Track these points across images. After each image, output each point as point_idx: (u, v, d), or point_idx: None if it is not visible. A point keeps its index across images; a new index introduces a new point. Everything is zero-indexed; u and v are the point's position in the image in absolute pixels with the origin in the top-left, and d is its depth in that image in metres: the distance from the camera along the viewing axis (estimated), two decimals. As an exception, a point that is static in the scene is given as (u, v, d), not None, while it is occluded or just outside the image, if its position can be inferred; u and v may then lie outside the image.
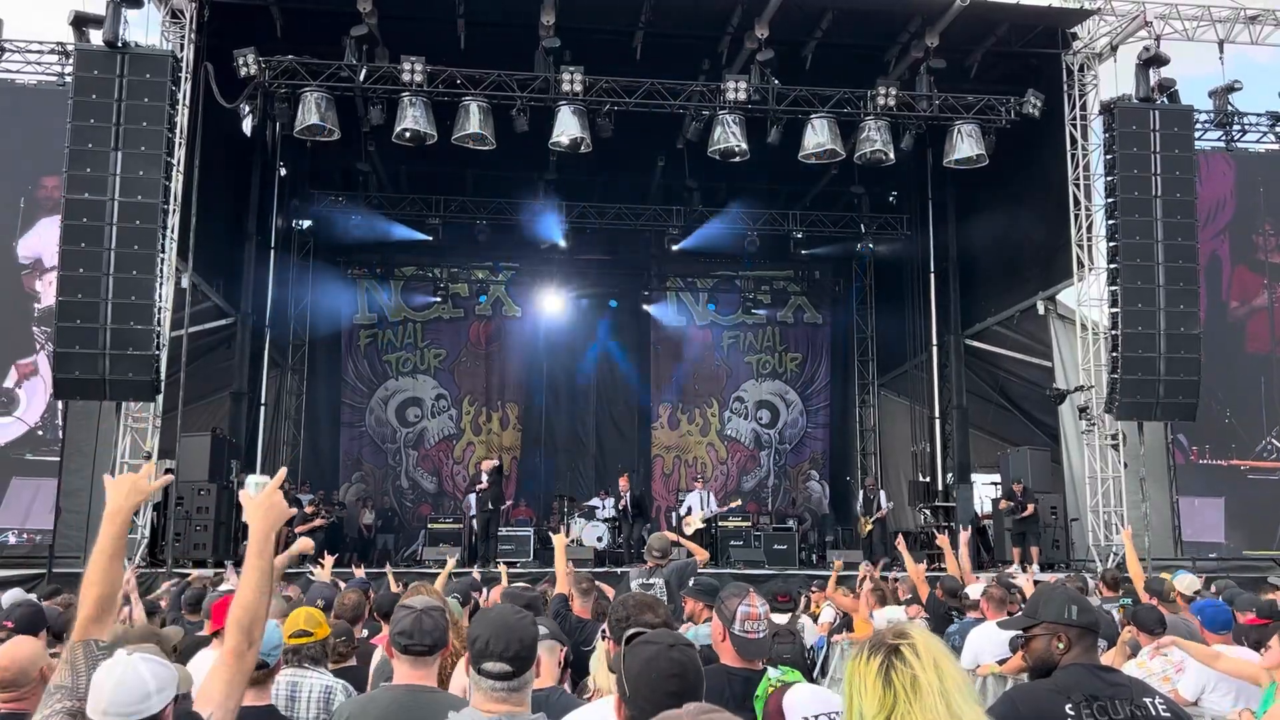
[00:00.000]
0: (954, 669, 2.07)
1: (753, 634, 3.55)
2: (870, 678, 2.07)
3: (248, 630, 2.77)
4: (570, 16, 15.71)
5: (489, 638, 2.74)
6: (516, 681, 2.74)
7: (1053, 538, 16.59)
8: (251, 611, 2.78)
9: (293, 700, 4.25)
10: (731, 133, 16.47)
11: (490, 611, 3.04)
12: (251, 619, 2.78)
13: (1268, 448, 17.67)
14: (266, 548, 2.87)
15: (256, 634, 2.79)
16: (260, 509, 2.90)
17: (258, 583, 2.80)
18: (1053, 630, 3.22)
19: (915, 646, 2.06)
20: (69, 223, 14.03)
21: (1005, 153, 17.18)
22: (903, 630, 2.13)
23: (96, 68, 14.28)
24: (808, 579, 15.21)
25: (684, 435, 24.97)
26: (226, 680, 2.76)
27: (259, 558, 2.84)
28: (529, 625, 2.82)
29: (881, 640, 2.12)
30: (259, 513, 2.89)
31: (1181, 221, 15.83)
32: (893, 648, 2.08)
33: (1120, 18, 16.64)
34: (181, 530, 14.98)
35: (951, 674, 2.05)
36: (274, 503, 2.92)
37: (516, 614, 2.86)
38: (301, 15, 16.48)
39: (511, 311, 24.76)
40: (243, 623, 2.77)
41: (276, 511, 2.92)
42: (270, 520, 2.89)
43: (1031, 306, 18.63)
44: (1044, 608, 3.28)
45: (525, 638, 2.78)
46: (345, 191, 21.91)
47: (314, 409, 23.16)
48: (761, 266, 24.67)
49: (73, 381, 14.10)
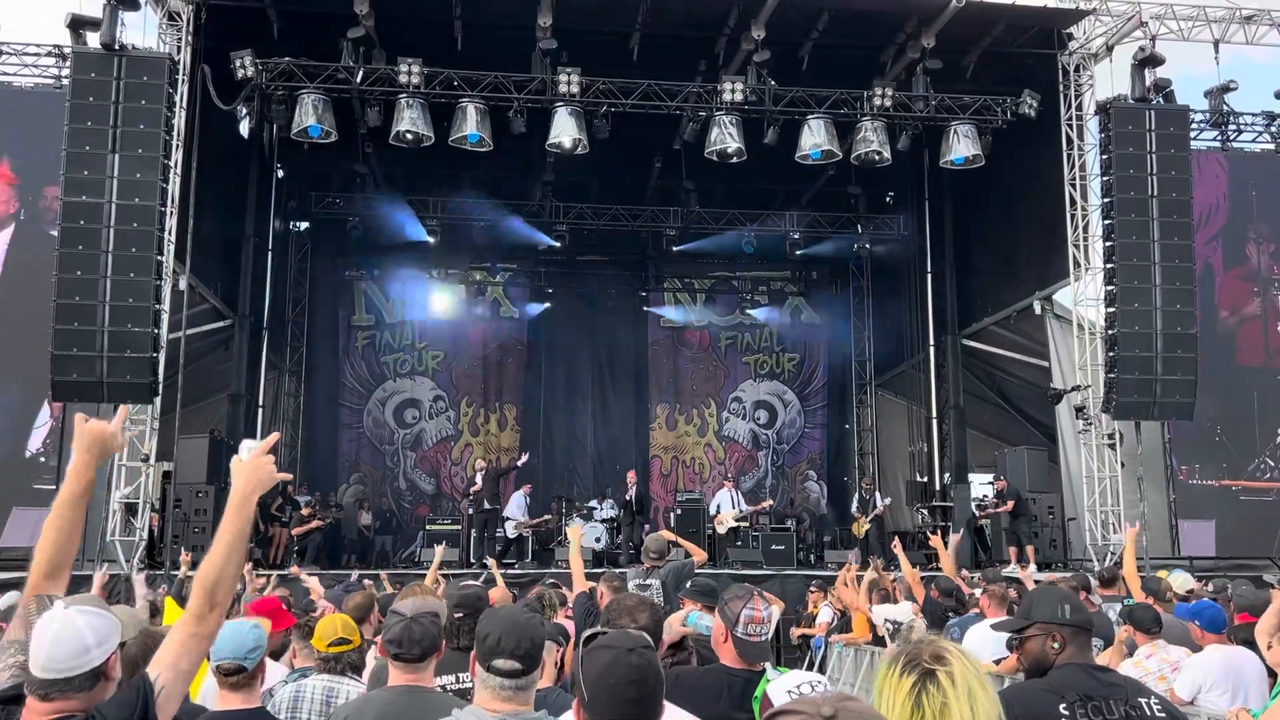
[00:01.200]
0: (987, 699, 2.01)
1: (755, 637, 3.59)
2: (900, 696, 2.03)
3: (210, 592, 2.62)
4: (567, 18, 15.73)
5: (500, 635, 2.76)
6: (525, 680, 2.76)
7: (1050, 537, 16.63)
8: (218, 572, 2.63)
9: (328, 706, 4.27)
10: (728, 134, 16.50)
11: (500, 610, 3.07)
12: (216, 580, 2.63)
13: (1261, 466, 17.44)
14: (246, 509, 2.73)
15: (220, 596, 2.64)
16: (247, 469, 2.76)
17: (230, 543, 2.66)
18: (1047, 630, 3.24)
19: (952, 674, 2.01)
20: (66, 225, 14.04)
21: (1001, 153, 17.21)
22: (940, 653, 2.06)
23: (93, 70, 14.28)
24: (806, 579, 15.26)
25: (682, 436, 24.98)
26: (180, 642, 2.61)
27: (236, 517, 2.70)
28: (539, 625, 2.85)
29: (918, 659, 2.06)
30: (245, 474, 2.75)
31: (1177, 221, 15.87)
32: (928, 671, 2.03)
33: (1116, 18, 16.68)
34: (180, 532, 14.98)
35: (984, 705, 2.00)
36: (261, 464, 2.78)
37: (526, 613, 2.90)
38: (298, 17, 16.48)
39: (509, 313, 24.76)
40: (207, 583, 2.62)
41: (263, 473, 2.78)
42: (255, 482, 2.76)
43: (1028, 306, 18.67)
44: (1038, 608, 3.30)
45: (535, 636, 2.80)
46: (343, 193, 21.92)
47: (312, 411, 23.16)
48: (759, 267, 24.68)
49: (70, 384, 14.09)
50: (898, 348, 23.10)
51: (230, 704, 3.46)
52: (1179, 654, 6.34)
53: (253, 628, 3.80)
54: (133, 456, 14.72)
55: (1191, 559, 15.97)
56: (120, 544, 14.45)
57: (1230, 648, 6.12)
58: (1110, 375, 15.94)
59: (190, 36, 15.26)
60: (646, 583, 7.72)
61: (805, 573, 16.20)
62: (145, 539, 14.74)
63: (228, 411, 19.17)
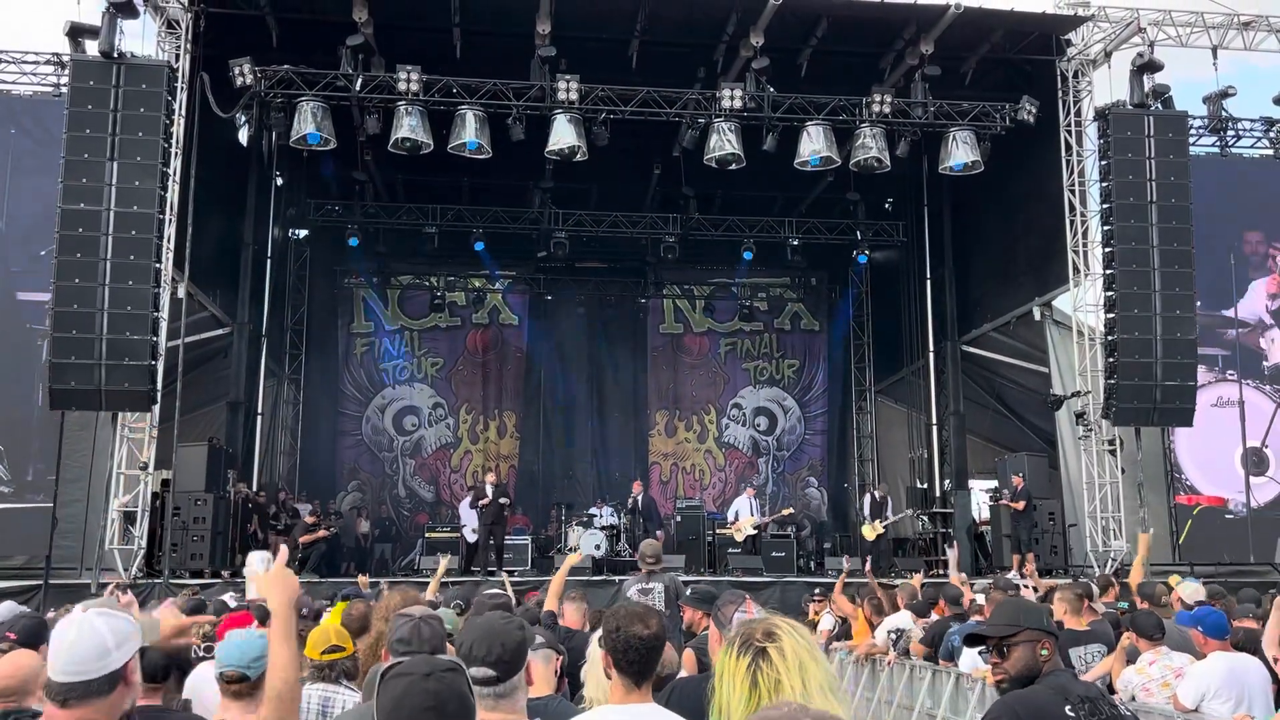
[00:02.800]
0: (819, 670, 2.13)
1: None
2: (739, 677, 2.15)
3: (288, 704, 2.80)
4: (566, 25, 15.74)
5: (472, 643, 2.73)
6: (503, 687, 2.70)
7: (1050, 543, 16.58)
8: (290, 687, 2.82)
9: (324, 715, 4.25)
10: (727, 140, 16.49)
11: (478, 618, 3.04)
12: (290, 693, 2.82)
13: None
14: (292, 621, 2.93)
15: (289, 709, 2.81)
16: (277, 585, 2.94)
17: (290, 659, 2.84)
18: (1035, 637, 3.28)
19: (783, 649, 2.13)
20: (64, 233, 14.01)
21: (1000, 159, 17.20)
22: (772, 630, 2.18)
23: (92, 78, 14.28)
24: (807, 585, 15.22)
25: (681, 443, 24.96)
26: None
27: (286, 634, 2.87)
28: (514, 630, 2.80)
29: (750, 639, 2.18)
30: (276, 589, 2.93)
31: (1177, 227, 15.86)
32: (760, 649, 2.15)
33: (1114, 24, 16.69)
34: (179, 540, 14.93)
35: (816, 675, 2.11)
36: (286, 578, 2.97)
37: (503, 619, 2.86)
38: (297, 25, 16.49)
39: (508, 319, 24.76)
40: (283, 697, 2.80)
41: (291, 584, 2.97)
42: (288, 594, 2.94)
43: (1028, 312, 18.66)
44: (1025, 616, 3.35)
45: (509, 642, 2.75)
46: (342, 201, 21.92)
47: (311, 418, 23.13)
48: (758, 274, 24.68)
49: (68, 392, 14.06)
50: (897, 354, 23.08)
51: (231, 713, 3.42)
52: (1182, 660, 6.31)
53: (258, 638, 3.78)
54: (131, 464, 14.69)
55: (1193, 564, 15.93)
56: (119, 553, 14.40)
57: (1234, 654, 6.09)
58: (1110, 381, 15.92)
59: (189, 44, 15.27)
60: (648, 587, 7.69)
61: (806, 580, 16.16)
62: (144, 548, 14.68)
63: (226, 419, 19.13)
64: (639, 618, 3.12)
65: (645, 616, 3.13)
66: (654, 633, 3.10)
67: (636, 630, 3.07)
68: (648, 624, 3.10)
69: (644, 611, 3.18)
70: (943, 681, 8.78)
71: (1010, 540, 16.57)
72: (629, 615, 3.15)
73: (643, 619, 3.12)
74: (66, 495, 14.75)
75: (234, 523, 16.44)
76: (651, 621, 3.12)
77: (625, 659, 3.08)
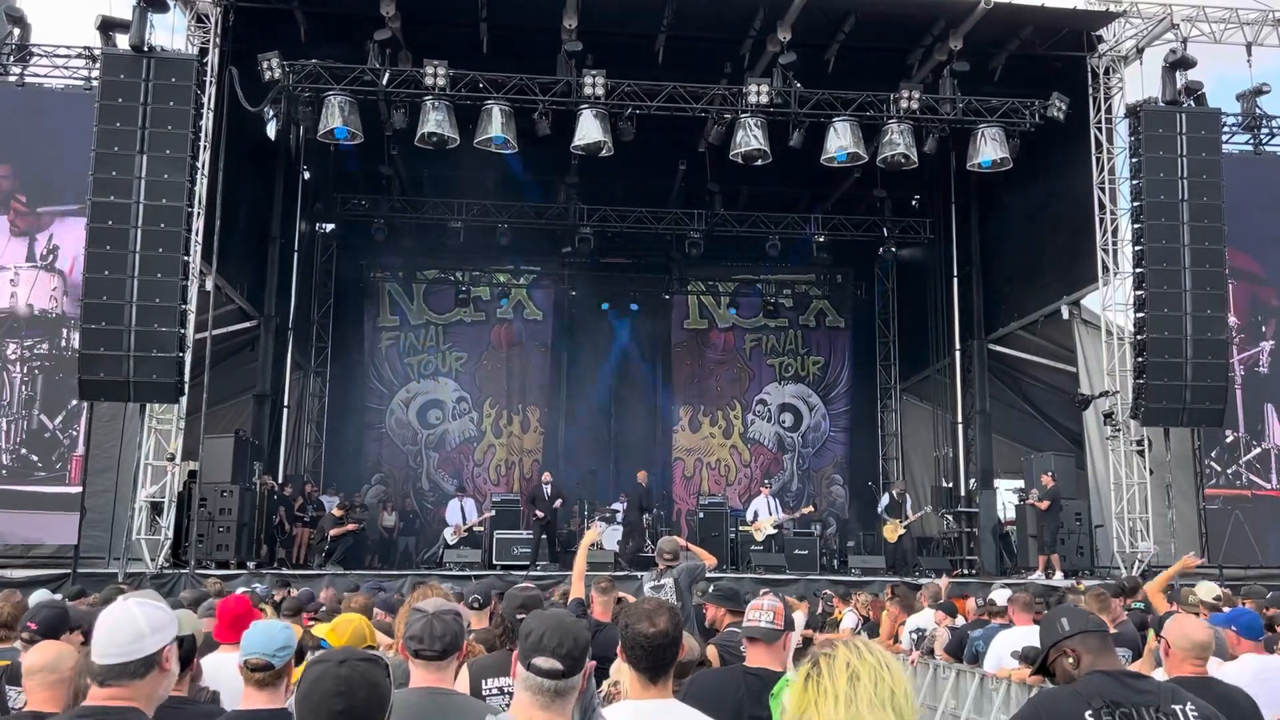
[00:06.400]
0: (870, 685, 2.14)
1: (754, 622, 4.00)
2: (799, 681, 2.22)
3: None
4: (592, 20, 15.73)
5: (544, 632, 2.69)
6: (564, 684, 2.66)
7: (1077, 544, 16.43)
8: None
9: None
10: (753, 136, 16.43)
11: (546, 610, 3.10)
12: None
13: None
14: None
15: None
16: None
17: None
18: (1058, 650, 3.33)
19: (835, 659, 2.18)
20: (94, 225, 14.16)
21: (1029, 156, 17.06)
22: (835, 643, 2.25)
23: (122, 71, 14.40)
24: (831, 584, 15.18)
25: (706, 438, 24.92)
26: None
27: None
28: (583, 630, 2.78)
29: (815, 652, 2.27)
30: None
31: (1208, 225, 15.68)
32: (816, 659, 2.22)
33: (1147, 20, 16.50)
34: (205, 531, 15.05)
35: (866, 688, 2.13)
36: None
37: (573, 616, 2.87)
38: (325, 19, 16.55)
39: (533, 314, 24.80)
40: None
41: None
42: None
43: (1056, 311, 18.49)
44: (1043, 635, 3.45)
45: (580, 639, 2.72)
46: (368, 195, 22.00)
47: (336, 411, 23.25)
48: (783, 270, 24.58)
49: (97, 383, 14.20)
50: (923, 352, 22.93)
51: (255, 703, 3.40)
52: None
53: (284, 628, 3.78)
54: (158, 456, 14.82)
55: (1221, 567, 15.76)
56: (145, 543, 14.54)
57: (1265, 657, 6.00)
58: (1139, 381, 15.77)
59: (218, 38, 15.36)
60: (660, 583, 7.68)
61: (829, 578, 16.11)
62: (170, 538, 14.82)
63: (253, 411, 19.27)
64: (647, 616, 3.13)
65: (654, 615, 3.14)
66: (661, 630, 3.10)
67: (643, 628, 3.10)
68: (655, 622, 3.11)
69: (654, 609, 3.18)
70: (967, 682, 8.72)
71: (1035, 540, 16.44)
72: (638, 613, 3.16)
73: (651, 617, 3.12)
74: (94, 485, 14.89)
75: (259, 514, 16.56)
76: (660, 620, 3.12)
77: (635, 656, 3.10)
